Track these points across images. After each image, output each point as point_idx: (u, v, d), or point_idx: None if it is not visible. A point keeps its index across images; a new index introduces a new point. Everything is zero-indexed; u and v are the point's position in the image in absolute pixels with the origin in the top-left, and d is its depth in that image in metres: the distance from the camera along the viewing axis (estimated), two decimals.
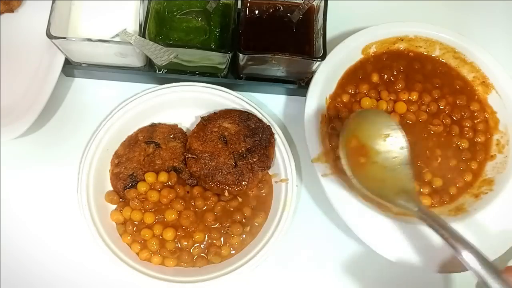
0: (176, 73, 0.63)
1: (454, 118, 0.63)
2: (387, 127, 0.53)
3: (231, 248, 0.57)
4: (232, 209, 0.58)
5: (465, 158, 0.61)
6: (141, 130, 0.61)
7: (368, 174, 0.52)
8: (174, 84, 0.61)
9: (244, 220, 0.58)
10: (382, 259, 0.55)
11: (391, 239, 0.55)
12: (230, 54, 0.57)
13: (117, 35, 0.58)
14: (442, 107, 0.63)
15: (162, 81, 0.62)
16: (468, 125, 0.62)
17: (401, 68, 0.64)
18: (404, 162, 0.52)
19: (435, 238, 0.55)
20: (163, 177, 0.57)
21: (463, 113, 0.63)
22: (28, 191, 0.60)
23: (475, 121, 0.63)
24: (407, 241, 0.55)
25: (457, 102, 0.63)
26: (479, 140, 0.62)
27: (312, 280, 0.60)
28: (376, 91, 0.63)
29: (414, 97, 0.63)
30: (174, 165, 0.59)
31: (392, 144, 0.53)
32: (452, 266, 0.56)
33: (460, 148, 0.62)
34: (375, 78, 0.63)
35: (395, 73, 0.64)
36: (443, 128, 0.62)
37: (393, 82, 0.64)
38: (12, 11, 0.65)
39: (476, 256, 0.45)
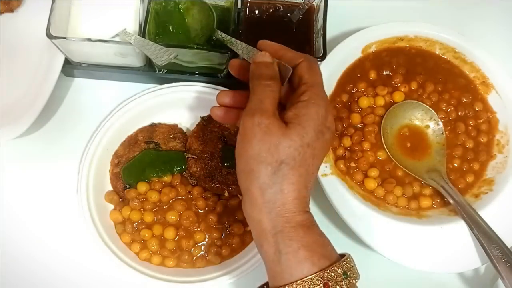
0: (176, 73, 0.63)
1: (459, 113, 0.63)
2: (430, 116, 0.62)
3: (232, 248, 0.57)
4: (233, 208, 0.58)
5: (469, 158, 0.61)
6: (141, 130, 0.61)
7: (409, 154, 0.61)
8: (174, 84, 0.61)
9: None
10: (382, 259, 0.55)
11: (391, 239, 0.55)
12: (230, 54, 0.57)
13: (117, 35, 0.58)
14: (447, 99, 0.63)
15: (162, 81, 0.62)
16: (472, 124, 0.62)
17: (401, 62, 0.64)
18: (442, 146, 0.61)
19: (435, 238, 0.56)
20: (166, 177, 0.57)
21: (467, 111, 0.63)
22: (28, 191, 0.60)
23: (479, 121, 0.63)
24: (407, 241, 0.55)
25: (463, 99, 0.63)
26: (482, 140, 0.62)
27: None
28: (372, 88, 0.63)
29: (414, 87, 0.63)
30: None
31: (435, 129, 0.62)
32: (453, 265, 0.56)
33: (467, 146, 0.62)
34: (372, 75, 0.63)
35: (394, 67, 0.64)
36: (449, 126, 0.62)
37: (391, 76, 0.64)
38: (12, 11, 0.65)
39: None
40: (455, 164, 0.61)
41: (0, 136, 0.57)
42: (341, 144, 0.60)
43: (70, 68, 0.63)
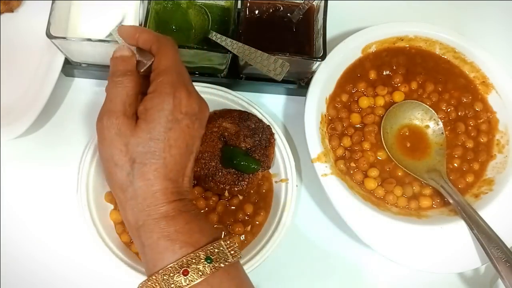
0: None
1: (459, 113, 0.63)
2: (429, 116, 0.62)
3: None
4: (233, 207, 0.58)
5: (469, 158, 0.61)
6: None
7: (409, 154, 0.61)
8: None
9: (246, 218, 0.58)
10: (382, 259, 0.55)
11: (391, 239, 0.55)
12: (230, 54, 0.57)
13: (113, 31, 0.58)
14: (447, 99, 0.63)
15: None
16: (472, 124, 0.63)
17: (401, 62, 0.64)
18: (442, 146, 0.61)
19: (435, 238, 0.56)
20: None
21: (467, 111, 0.63)
22: (28, 191, 0.60)
23: (479, 121, 0.63)
24: (407, 241, 0.55)
25: (463, 99, 0.63)
26: (482, 140, 0.62)
27: (311, 280, 0.59)
28: (372, 88, 0.63)
29: (414, 87, 0.63)
30: None
31: (435, 129, 0.62)
32: (453, 265, 0.56)
33: (467, 146, 0.62)
34: (372, 75, 0.63)
35: (394, 67, 0.64)
36: (449, 126, 0.62)
37: (391, 76, 0.64)
38: (12, 11, 0.65)
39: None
40: (455, 164, 0.61)
41: (0, 136, 0.57)
42: (341, 144, 0.60)
43: (70, 68, 0.63)
